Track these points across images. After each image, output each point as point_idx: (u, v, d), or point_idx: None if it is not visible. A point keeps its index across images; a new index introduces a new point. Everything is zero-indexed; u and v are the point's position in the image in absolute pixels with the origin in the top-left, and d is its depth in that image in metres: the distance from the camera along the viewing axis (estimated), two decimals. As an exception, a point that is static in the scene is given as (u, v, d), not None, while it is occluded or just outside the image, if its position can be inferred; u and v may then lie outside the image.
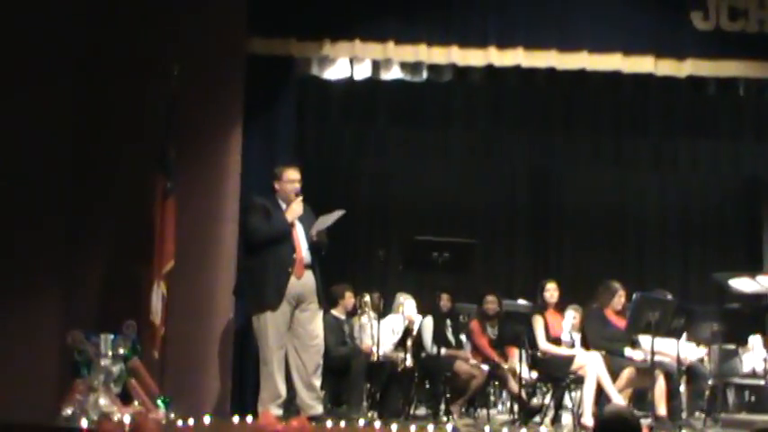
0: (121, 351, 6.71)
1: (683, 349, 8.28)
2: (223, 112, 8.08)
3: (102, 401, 6.47)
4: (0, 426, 6.48)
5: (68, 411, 6.49)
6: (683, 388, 8.58)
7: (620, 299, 8.36)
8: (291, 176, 7.46)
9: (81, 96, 7.84)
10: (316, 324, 7.43)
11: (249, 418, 7.20)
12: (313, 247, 7.41)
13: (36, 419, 6.72)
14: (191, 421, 6.76)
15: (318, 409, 7.37)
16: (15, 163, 7.46)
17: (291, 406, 7.48)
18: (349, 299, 8.95)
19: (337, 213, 7.47)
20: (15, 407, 6.83)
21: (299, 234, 7.39)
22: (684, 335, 8.26)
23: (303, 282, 7.33)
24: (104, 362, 6.60)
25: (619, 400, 7.80)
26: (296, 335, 7.33)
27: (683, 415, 8.30)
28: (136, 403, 6.77)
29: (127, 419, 6.23)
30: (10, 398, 6.95)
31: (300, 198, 7.41)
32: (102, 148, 7.87)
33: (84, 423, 6.23)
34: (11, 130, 7.42)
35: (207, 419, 6.88)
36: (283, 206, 7.42)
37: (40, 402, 7.05)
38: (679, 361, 8.14)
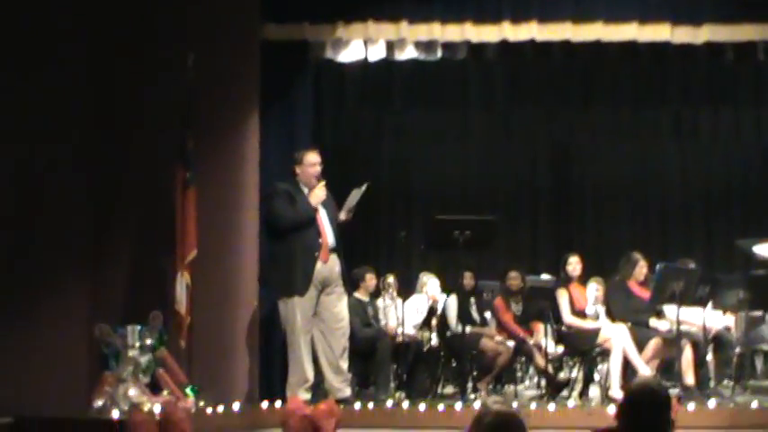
0: (149, 342, 6.76)
1: (709, 318, 8.25)
2: (240, 100, 8.09)
3: (132, 392, 6.52)
4: (33, 420, 6.56)
5: (99, 403, 6.56)
6: (710, 357, 8.56)
7: (641, 269, 8.33)
8: (312, 159, 7.49)
9: (97, 90, 7.87)
10: (341, 307, 7.46)
11: (278, 404, 7.26)
12: (340, 226, 7.43)
13: (68, 413, 6.79)
14: (220, 408, 6.81)
15: (346, 391, 7.41)
16: (39, 158, 7.51)
17: (319, 390, 7.53)
18: (370, 281, 8.97)
19: (362, 187, 7.53)
20: (47, 401, 6.91)
21: (324, 218, 7.43)
22: (710, 303, 8.23)
23: (329, 266, 7.38)
24: (132, 353, 6.65)
25: (646, 371, 7.80)
26: (322, 318, 7.37)
27: (711, 384, 8.29)
28: (165, 393, 6.82)
29: (157, 409, 6.28)
30: (41, 392, 7.02)
31: (323, 183, 7.44)
32: (121, 140, 7.90)
33: (115, 414, 6.30)
34: (33, 126, 7.46)
35: (236, 406, 6.94)
36: (305, 191, 7.44)
37: (71, 396, 7.12)
38: (705, 330, 8.11)
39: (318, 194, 7.41)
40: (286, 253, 7.33)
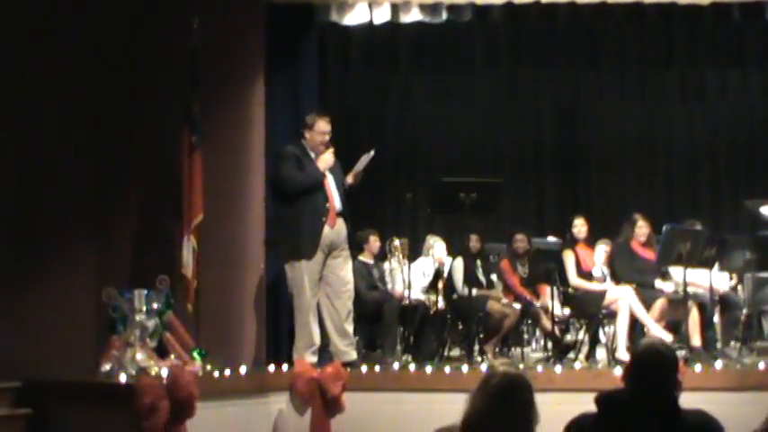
0: (155, 306, 6.76)
1: (716, 279, 8.24)
2: (245, 64, 8.06)
3: (140, 356, 6.54)
4: (41, 383, 6.60)
5: (107, 367, 6.58)
6: (716, 318, 8.56)
7: (641, 229, 8.32)
8: (323, 128, 7.47)
9: (102, 54, 7.83)
10: (347, 270, 7.48)
11: (285, 367, 7.28)
12: (347, 191, 7.43)
13: (76, 376, 6.83)
14: (227, 372, 6.83)
15: (353, 354, 7.44)
16: (41, 122, 7.49)
17: (325, 353, 7.56)
18: (374, 242, 8.97)
19: (370, 154, 7.54)
20: (55, 365, 6.94)
21: (331, 183, 7.44)
22: (717, 265, 8.22)
23: (336, 230, 7.40)
24: (139, 317, 6.66)
25: (657, 329, 7.79)
26: (328, 282, 7.39)
27: (718, 345, 8.31)
28: (172, 357, 6.84)
29: (164, 373, 6.30)
30: (49, 357, 7.04)
31: (332, 149, 7.43)
32: (126, 105, 7.86)
33: (122, 378, 6.32)
34: (36, 88, 7.44)
35: (243, 370, 6.95)
36: (312, 155, 7.43)
37: (79, 360, 7.15)
38: (712, 291, 8.11)
39: (327, 159, 7.41)
40: (294, 217, 7.34)
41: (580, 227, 8.59)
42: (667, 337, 7.65)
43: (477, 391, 3.27)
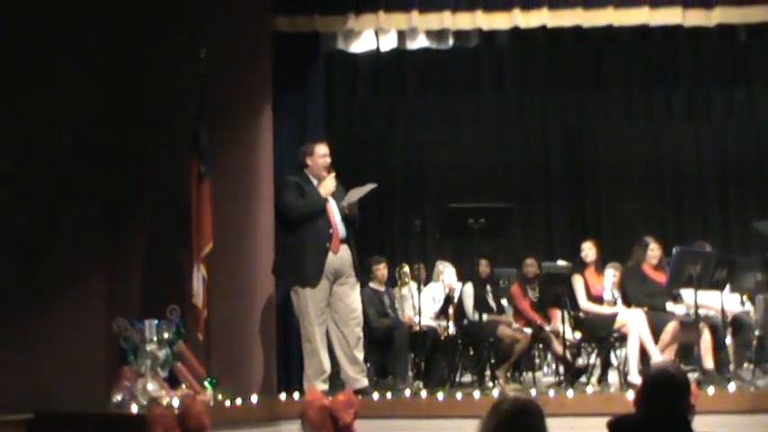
0: (166, 335, 6.78)
1: (727, 301, 8.21)
2: (253, 92, 8.09)
3: (151, 386, 6.54)
4: (53, 415, 6.60)
5: (118, 398, 6.58)
6: (729, 340, 8.52)
7: (653, 252, 8.30)
8: (321, 151, 7.51)
9: (112, 83, 7.87)
10: (354, 297, 7.47)
11: (296, 395, 7.27)
12: (346, 220, 7.44)
13: (87, 408, 6.83)
14: (238, 401, 6.83)
15: (364, 382, 7.43)
16: (53, 152, 7.53)
17: (337, 381, 7.54)
18: (382, 269, 8.96)
19: (368, 186, 7.50)
20: (66, 396, 6.94)
21: (334, 209, 7.43)
22: (728, 286, 8.19)
23: (340, 256, 7.38)
24: (150, 347, 6.67)
25: (659, 358, 7.75)
26: (335, 309, 7.39)
27: (731, 367, 8.26)
28: (183, 386, 6.84)
29: (175, 403, 6.30)
30: (61, 388, 7.05)
31: (333, 174, 7.44)
32: (135, 134, 7.91)
33: (134, 408, 6.32)
34: (46, 120, 7.48)
35: (254, 398, 6.95)
36: (314, 182, 7.45)
37: (90, 391, 7.15)
38: (723, 313, 8.07)
39: (328, 185, 7.42)
40: (297, 244, 7.35)
41: (588, 250, 8.57)
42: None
43: (487, 417, 3.26)
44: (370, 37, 8.63)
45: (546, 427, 3.28)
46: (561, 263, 9.92)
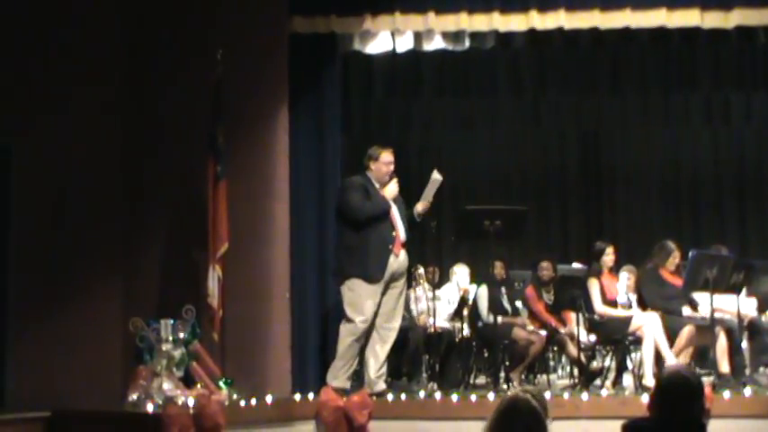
0: (182, 335, 6.81)
1: (744, 305, 8.18)
2: (269, 93, 8.11)
3: (166, 386, 6.57)
4: (70, 414, 6.64)
5: (134, 397, 6.61)
6: (745, 344, 8.48)
7: (674, 260, 8.28)
8: (387, 159, 7.64)
9: (129, 86, 7.93)
10: (401, 303, 7.63)
11: (311, 396, 7.29)
12: (410, 223, 7.59)
13: (103, 406, 6.87)
14: (253, 401, 6.84)
15: (382, 386, 7.49)
16: (71, 153, 7.58)
17: (355, 380, 7.57)
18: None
19: (437, 179, 7.67)
20: (83, 395, 6.99)
21: (395, 213, 7.53)
22: (744, 290, 8.15)
23: (400, 260, 7.53)
24: (166, 347, 6.70)
25: (674, 361, 7.72)
26: (379, 312, 7.46)
27: (747, 371, 8.21)
28: (198, 386, 6.87)
29: (191, 402, 6.32)
30: (78, 386, 7.10)
31: (396, 179, 7.52)
32: (152, 135, 7.96)
33: (149, 408, 6.34)
34: (65, 119, 7.55)
35: (269, 398, 6.96)
36: (377, 185, 7.52)
37: (107, 390, 7.20)
38: (740, 317, 8.04)
39: (392, 189, 7.56)
40: (361, 245, 7.42)
41: (611, 254, 8.53)
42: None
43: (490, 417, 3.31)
44: (386, 38, 8.63)
45: (541, 423, 3.28)
46: (576, 265, 9.89)
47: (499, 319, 8.34)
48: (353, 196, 7.50)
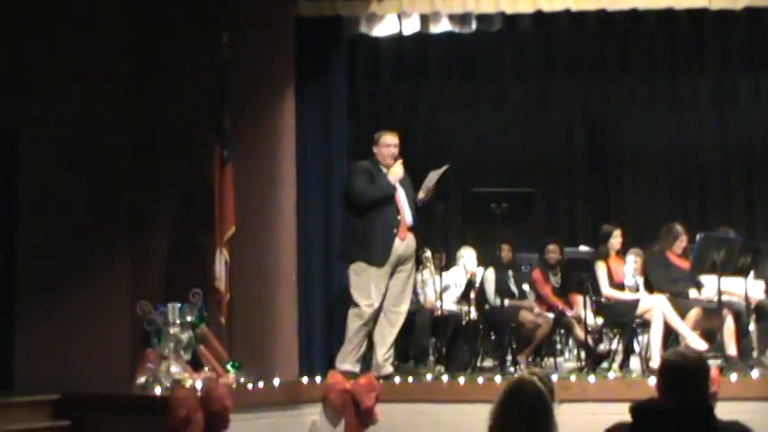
0: (189, 319, 6.83)
1: (751, 287, 8.16)
2: (275, 77, 8.10)
3: (174, 369, 6.60)
4: (78, 396, 6.67)
5: (142, 380, 6.64)
6: (752, 327, 8.48)
7: (681, 243, 8.26)
8: (388, 140, 7.63)
9: (135, 70, 7.93)
10: (409, 286, 7.65)
11: (318, 379, 7.31)
12: (415, 207, 7.54)
13: (111, 389, 6.90)
14: (260, 384, 6.87)
15: (389, 369, 7.51)
16: (78, 138, 7.60)
17: (362, 363, 7.59)
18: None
19: (443, 168, 7.64)
20: (92, 378, 7.03)
21: (402, 197, 7.53)
22: (752, 273, 8.14)
23: (406, 243, 7.53)
24: (173, 330, 6.72)
25: (692, 337, 7.72)
26: (387, 296, 7.47)
27: (754, 354, 8.22)
28: (206, 369, 6.89)
29: (198, 385, 6.34)
30: (86, 370, 7.14)
31: (401, 161, 7.50)
32: (158, 119, 7.96)
33: (157, 390, 6.37)
34: (72, 103, 7.56)
35: (276, 381, 6.98)
36: (384, 170, 7.52)
37: (115, 373, 7.23)
38: (747, 299, 8.03)
39: (397, 172, 7.54)
40: (366, 229, 7.44)
41: (618, 237, 8.53)
42: (702, 346, 7.60)
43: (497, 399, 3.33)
44: (392, 21, 8.60)
45: (547, 406, 3.29)
46: (583, 248, 9.88)
47: (506, 302, 8.34)
48: (357, 181, 7.50)
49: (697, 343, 7.65)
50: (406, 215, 7.55)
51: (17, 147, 7.45)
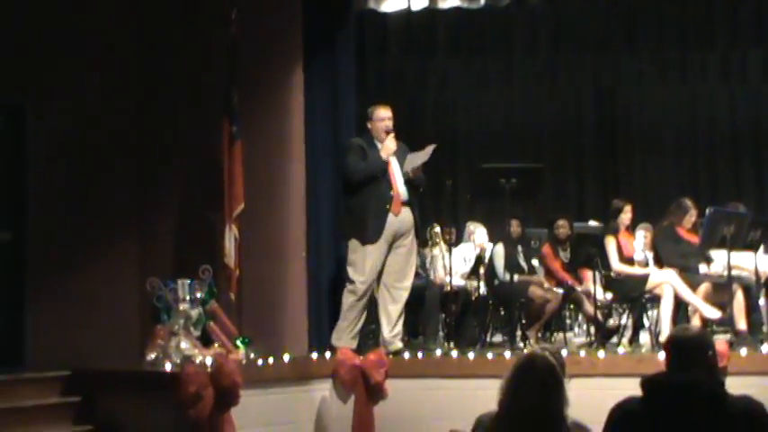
0: (199, 295, 6.83)
1: (761, 262, 8.14)
2: (283, 53, 8.07)
3: (184, 345, 6.61)
4: (89, 373, 6.70)
5: (152, 356, 6.66)
6: (762, 301, 8.47)
7: (690, 218, 8.24)
8: (381, 114, 7.56)
9: (144, 46, 7.92)
10: (410, 261, 7.58)
11: (327, 354, 7.32)
12: (409, 183, 7.47)
13: (122, 366, 6.93)
14: (270, 360, 6.88)
15: (398, 344, 7.51)
16: (85, 116, 7.60)
17: (369, 340, 7.60)
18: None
19: (429, 148, 7.52)
20: (102, 354, 7.05)
21: (395, 171, 7.49)
22: (762, 247, 8.12)
23: (401, 218, 7.46)
24: (183, 306, 6.73)
25: (704, 307, 7.71)
26: (387, 272, 7.46)
27: (764, 328, 8.21)
28: (216, 345, 6.90)
29: (208, 361, 6.36)
30: (96, 346, 7.17)
31: (392, 135, 7.45)
32: (167, 97, 7.95)
33: (167, 367, 6.39)
34: (78, 82, 7.55)
35: (286, 357, 7.00)
36: (378, 145, 7.49)
37: (125, 349, 7.26)
38: (757, 274, 8.01)
39: (388, 146, 7.47)
40: (359, 206, 7.43)
41: (629, 213, 8.51)
42: (716, 314, 7.61)
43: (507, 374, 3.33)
44: (401, -4, 8.57)
45: (558, 380, 3.30)
46: (593, 223, 9.87)
47: (515, 277, 8.33)
48: (350, 158, 7.47)
49: (710, 312, 7.66)
50: (400, 189, 7.49)
51: (25, 123, 7.44)
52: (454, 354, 7.43)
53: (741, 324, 7.74)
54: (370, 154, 7.46)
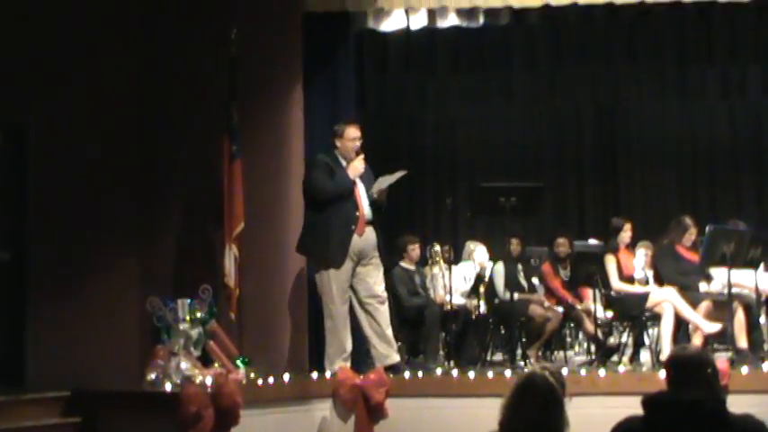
0: (199, 315, 6.81)
1: (761, 279, 8.14)
2: (283, 72, 8.10)
3: (184, 365, 6.59)
4: (89, 393, 6.68)
5: (152, 376, 6.64)
6: (763, 319, 8.45)
7: (690, 236, 8.24)
8: (352, 134, 7.48)
9: (143, 65, 7.94)
10: (377, 277, 7.46)
11: (328, 374, 7.30)
12: (374, 204, 7.44)
13: (122, 386, 6.91)
14: (270, 380, 6.86)
15: (395, 357, 7.44)
16: (87, 133, 7.61)
17: (367, 359, 7.57)
18: (413, 250, 8.95)
19: (398, 174, 7.48)
20: (102, 374, 7.04)
21: (361, 191, 7.43)
22: (762, 265, 8.11)
23: (365, 238, 7.39)
24: (183, 326, 6.71)
25: (705, 324, 7.70)
26: (357, 290, 7.39)
27: (765, 346, 8.19)
28: (216, 365, 6.89)
29: (208, 381, 6.34)
30: (97, 366, 7.15)
31: (362, 156, 7.43)
32: (167, 115, 7.97)
33: (167, 387, 6.37)
34: (80, 100, 7.56)
35: (286, 377, 6.98)
36: (344, 163, 7.44)
37: (125, 369, 7.24)
38: (758, 292, 8.00)
39: (357, 167, 7.40)
40: (323, 224, 7.35)
41: (629, 231, 8.52)
42: (715, 327, 7.62)
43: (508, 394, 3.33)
44: (400, 16, 8.58)
45: (558, 400, 3.29)
46: (593, 242, 9.87)
47: (516, 295, 8.33)
48: (316, 175, 7.39)
49: (710, 327, 7.65)
50: (365, 210, 7.40)
51: (26, 141, 7.45)
52: (455, 373, 7.41)
53: (742, 342, 7.73)
54: (336, 172, 7.41)
